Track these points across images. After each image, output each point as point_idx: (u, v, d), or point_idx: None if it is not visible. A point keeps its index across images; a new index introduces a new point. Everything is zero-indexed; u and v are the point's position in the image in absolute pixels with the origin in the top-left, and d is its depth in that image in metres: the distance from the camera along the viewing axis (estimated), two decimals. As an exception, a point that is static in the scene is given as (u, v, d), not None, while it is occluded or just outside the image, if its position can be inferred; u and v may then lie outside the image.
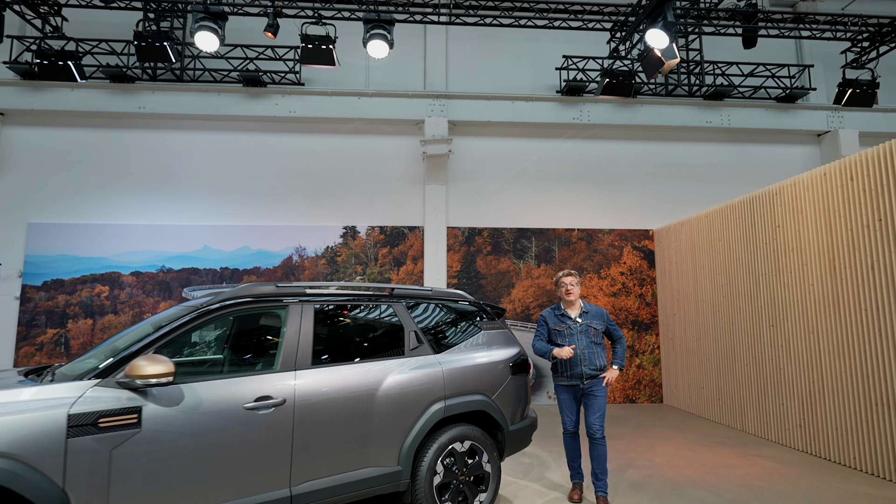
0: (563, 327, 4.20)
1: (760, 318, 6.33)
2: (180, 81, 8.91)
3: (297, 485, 3.00)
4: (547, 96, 9.29)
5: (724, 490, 4.44)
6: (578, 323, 4.18)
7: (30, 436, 2.33)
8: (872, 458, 4.81)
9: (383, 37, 6.98)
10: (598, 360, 4.14)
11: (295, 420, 3.02)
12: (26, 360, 8.23)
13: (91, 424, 2.47)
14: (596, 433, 4.04)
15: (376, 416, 3.32)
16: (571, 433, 4.22)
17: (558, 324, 4.23)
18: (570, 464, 4.28)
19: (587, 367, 4.09)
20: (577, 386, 4.12)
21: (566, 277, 4.26)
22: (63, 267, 8.49)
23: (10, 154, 8.71)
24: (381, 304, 3.76)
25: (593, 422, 4.05)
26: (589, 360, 4.11)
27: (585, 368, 4.09)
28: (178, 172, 8.90)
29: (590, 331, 4.17)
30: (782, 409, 5.94)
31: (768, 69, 9.53)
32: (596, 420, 4.05)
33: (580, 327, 4.16)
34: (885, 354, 4.71)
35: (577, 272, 4.58)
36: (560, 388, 4.23)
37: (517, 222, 9.25)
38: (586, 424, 4.09)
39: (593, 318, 4.23)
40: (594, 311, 4.28)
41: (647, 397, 8.81)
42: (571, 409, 4.20)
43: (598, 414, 4.06)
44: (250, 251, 8.81)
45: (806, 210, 5.70)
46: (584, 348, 4.12)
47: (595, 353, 4.14)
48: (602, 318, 4.26)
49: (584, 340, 4.14)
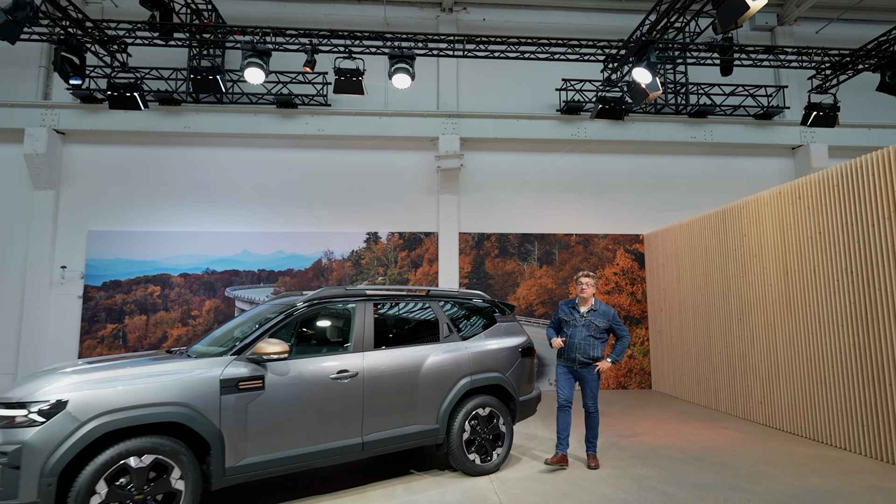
0: (570, 318, 4.97)
1: (730, 313, 7.42)
2: (221, 104, 9.97)
3: (367, 435, 4.11)
4: (548, 115, 10.37)
5: (691, 451, 5.53)
6: (583, 317, 4.92)
7: (198, 393, 3.43)
8: (814, 426, 5.90)
9: (406, 70, 8.04)
10: (592, 350, 4.86)
11: (364, 388, 4.13)
12: (89, 351, 9.33)
13: (234, 386, 3.57)
14: (590, 409, 4.94)
15: (420, 386, 4.43)
16: (562, 406, 4.90)
17: (568, 315, 5.00)
18: (559, 434, 4.92)
19: (580, 354, 4.86)
20: (572, 367, 5.00)
21: (583, 278, 4.94)
22: (119, 269, 9.59)
23: (72, 169, 9.80)
24: (421, 303, 4.86)
25: (587, 400, 4.92)
26: (583, 350, 4.86)
27: (579, 356, 4.87)
28: (219, 185, 9.98)
29: (591, 326, 4.88)
30: (747, 390, 7.04)
31: (747, 90, 10.59)
32: (589, 399, 4.92)
33: (583, 321, 4.90)
34: (825, 342, 5.79)
35: (594, 276, 5.04)
36: (560, 365, 5.05)
37: (521, 228, 10.33)
38: (583, 402, 4.94)
39: (599, 315, 4.92)
40: (602, 310, 4.96)
41: (638, 384, 9.91)
42: (565, 384, 4.93)
43: (591, 394, 4.91)
44: (284, 255, 9.91)
45: (765, 222, 6.78)
46: (581, 339, 4.86)
47: (591, 344, 4.86)
48: (607, 318, 4.93)
49: (584, 333, 4.88)
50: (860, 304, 5.37)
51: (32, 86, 9.97)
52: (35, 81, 9.98)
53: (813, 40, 11.41)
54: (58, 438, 3.02)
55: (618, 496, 4.16)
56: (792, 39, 11.31)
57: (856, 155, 10.07)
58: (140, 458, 3.20)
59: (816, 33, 11.48)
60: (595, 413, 4.96)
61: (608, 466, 4.94)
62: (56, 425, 3.03)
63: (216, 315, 9.63)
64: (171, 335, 9.49)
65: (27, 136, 9.33)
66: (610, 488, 4.34)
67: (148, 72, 9.66)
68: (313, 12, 10.65)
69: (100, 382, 3.23)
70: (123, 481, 3.16)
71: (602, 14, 11.12)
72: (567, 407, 4.92)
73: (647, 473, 4.74)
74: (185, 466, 3.32)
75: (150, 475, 3.24)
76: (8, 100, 9.59)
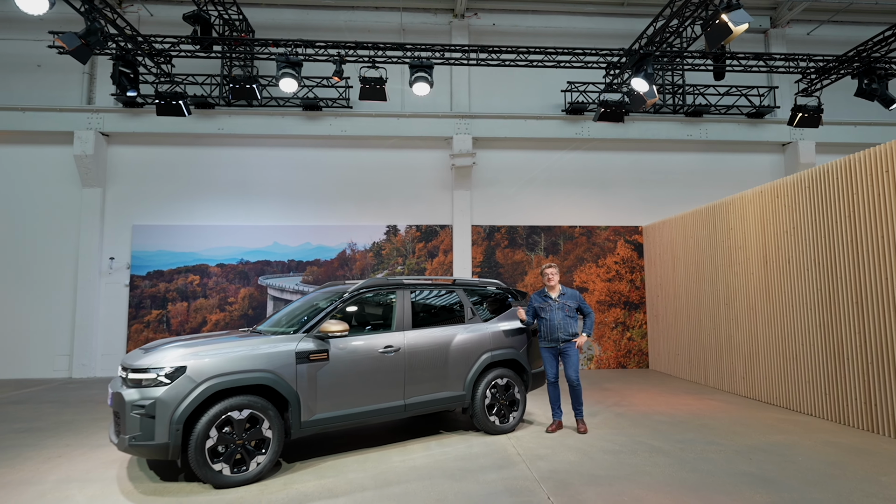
0: (545, 305, 5.66)
1: (718, 298, 8.28)
2: (251, 107, 10.79)
3: (408, 398, 5.02)
4: (553, 115, 11.16)
5: (678, 416, 6.43)
6: (556, 301, 5.64)
7: (280, 362, 4.34)
8: (786, 396, 6.79)
9: (425, 79, 8.83)
10: (570, 328, 5.58)
11: (405, 360, 5.02)
12: (137, 334, 10.28)
13: (306, 357, 4.47)
14: (573, 381, 5.53)
15: (450, 360, 5.33)
16: (552, 382, 5.68)
17: (542, 303, 5.69)
18: (552, 405, 5.75)
19: (562, 333, 5.55)
20: (556, 346, 5.60)
21: (548, 269, 5.70)
22: (162, 260, 10.50)
23: (116, 169, 10.67)
24: (449, 290, 5.74)
25: (570, 373, 5.53)
26: (563, 329, 5.56)
27: (560, 334, 5.55)
28: (251, 182, 10.85)
29: (565, 307, 5.61)
30: (731, 367, 7.93)
31: (740, 90, 11.33)
32: (572, 371, 5.52)
33: (557, 305, 5.61)
34: (796, 323, 6.66)
35: (557, 265, 5.91)
36: (543, 348, 5.69)
37: (529, 221, 11.18)
38: (566, 376, 5.56)
39: (568, 298, 5.67)
40: (569, 294, 5.71)
41: (636, 363, 10.82)
42: (552, 363, 5.65)
43: (573, 367, 5.53)
44: (311, 246, 10.80)
45: (749, 218, 7.61)
46: (560, 320, 5.55)
47: (568, 323, 5.58)
48: (575, 299, 5.69)
49: (560, 314, 5.59)
50: (825, 291, 6.22)
51: (77, 91, 10.82)
52: (79, 87, 10.82)
53: (804, 42, 12.11)
54: (181, 395, 3.93)
55: (613, 448, 5.06)
56: (784, 41, 12.01)
57: (842, 151, 10.97)
58: (240, 412, 4.10)
59: (808, 35, 12.18)
60: (578, 385, 5.58)
61: (607, 428, 5.85)
62: (179, 385, 3.94)
63: (250, 301, 10.56)
64: (210, 320, 10.43)
65: (76, 139, 10.20)
66: (607, 443, 5.25)
67: (185, 78, 10.47)
68: (334, 19, 11.40)
69: (207, 354, 4.13)
70: (228, 430, 4.07)
71: (605, 18, 11.82)
72: (555, 382, 5.70)
73: (639, 433, 5.64)
74: (272, 419, 4.23)
75: (247, 426, 4.14)
76: (56, 105, 10.44)
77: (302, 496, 3.88)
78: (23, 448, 5.21)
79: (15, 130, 10.32)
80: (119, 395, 3.96)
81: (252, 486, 4.07)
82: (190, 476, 4.27)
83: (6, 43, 10.81)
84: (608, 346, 10.83)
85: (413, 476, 4.29)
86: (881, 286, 5.50)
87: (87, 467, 4.60)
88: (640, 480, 4.16)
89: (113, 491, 4.01)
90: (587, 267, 11.04)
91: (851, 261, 5.87)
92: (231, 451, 4.05)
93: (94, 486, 4.11)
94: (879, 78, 8.98)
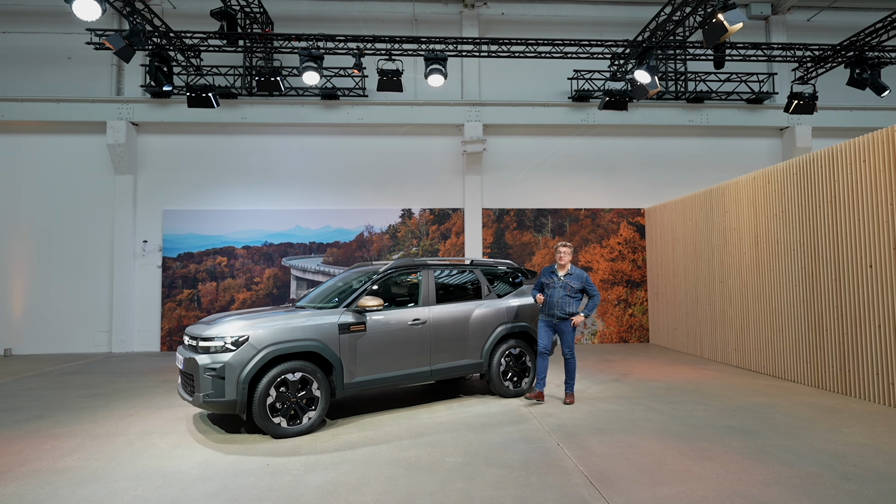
0: (550, 281, 5.93)
1: (713, 276, 8.90)
2: (271, 96, 11.33)
3: (433, 365, 5.72)
4: (560, 102, 11.65)
5: (673, 383, 7.12)
6: (561, 280, 5.88)
7: (326, 333, 5.02)
8: (772, 364, 7.47)
9: (439, 71, 9.34)
10: (568, 307, 5.80)
11: (431, 332, 5.71)
12: (170, 312, 11.03)
13: (347, 328, 5.15)
14: (567, 356, 5.90)
15: (470, 331, 6.01)
16: (541, 353, 5.91)
17: (548, 278, 5.96)
18: (538, 375, 5.96)
19: (558, 310, 5.82)
20: (552, 321, 5.93)
21: (562, 247, 5.94)
22: (191, 243, 11.19)
23: (146, 157, 11.30)
24: (468, 270, 6.40)
25: (565, 349, 5.88)
26: (560, 307, 5.80)
27: (557, 311, 5.83)
28: (273, 168, 11.46)
29: (567, 287, 5.82)
30: (725, 339, 8.60)
31: (740, 77, 11.77)
32: (566, 348, 5.87)
33: (560, 283, 5.85)
34: (782, 299, 7.29)
35: (571, 245, 6.03)
36: (541, 320, 6.00)
37: (537, 203, 11.77)
38: (562, 351, 5.91)
39: (574, 278, 5.86)
40: (576, 274, 5.89)
41: (637, 338, 11.51)
42: (545, 335, 5.91)
43: (567, 343, 5.85)
44: (331, 229, 11.44)
45: (743, 202, 8.19)
46: (559, 298, 5.80)
47: (567, 302, 5.79)
48: (581, 280, 5.86)
49: (561, 293, 5.82)
50: (807, 270, 6.84)
51: (106, 82, 11.38)
52: (108, 78, 11.39)
53: (804, 28, 12.48)
54: (245, 360, 4.62)
55: (613, 408, 5.76)
56: (785, 28, 12.39)
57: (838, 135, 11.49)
58: (293, 375, 4.80)
59: (808, 21, 12.53)
60: (572, 359, 5.91)
61: (608, 392, 6.55)
62: (243, 351, 4.64)
63: (275, 281, 11.26)
64: (237, 298, 11.15)
65: (109, 129, 10.80)
66: (607, 404, 5.94)
67: (209, 69, 11.01)
68: (349, 10, 11.85)
69: (264, 325, 4.81)
70: (284, 389, 4.77)
71: (610, 6, 12.20)
72: (546, 353, 5.93)
73: (637, 396, 6.33)
74: (320, 381, 4.93)
75: (299, 386, 4.85)
76: (88, 96, 11.02)
77: (349, 444, 4.60)
78: (97, 409, 5.96)
79: (51, 121, 10.92)
80: (193, 359, 4.66)
81: (305, 437, 4.79)
82: (250, 429, 5.00)
83: (38, 36, 11.34)
84: (611, 322, 11.51)
85: (441, 429, 5.00)
86: (857, 266, 6.11)
87: (159, 423, 5.34)
88: (636, 432, 4.86)
89: (189, 441, 4.74)
90: (592, 247, 11.66)
91: (832, 243, 6.48)
92: (287, 408, 4.77)
93: (172, 437, 4.84)
94: (871, 67, 9.42)
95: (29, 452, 4.45)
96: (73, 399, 6.50)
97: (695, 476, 3.75)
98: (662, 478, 3.72)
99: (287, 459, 4.18)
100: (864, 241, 6.01)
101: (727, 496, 3.39)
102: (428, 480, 3.73)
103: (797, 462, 4.01)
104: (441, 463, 4.07)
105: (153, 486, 3.66)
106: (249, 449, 4.47)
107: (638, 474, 3.79)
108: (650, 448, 4.38)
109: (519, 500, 3.38)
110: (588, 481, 3.68)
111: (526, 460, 4.12)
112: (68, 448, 4.55)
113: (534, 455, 4.23)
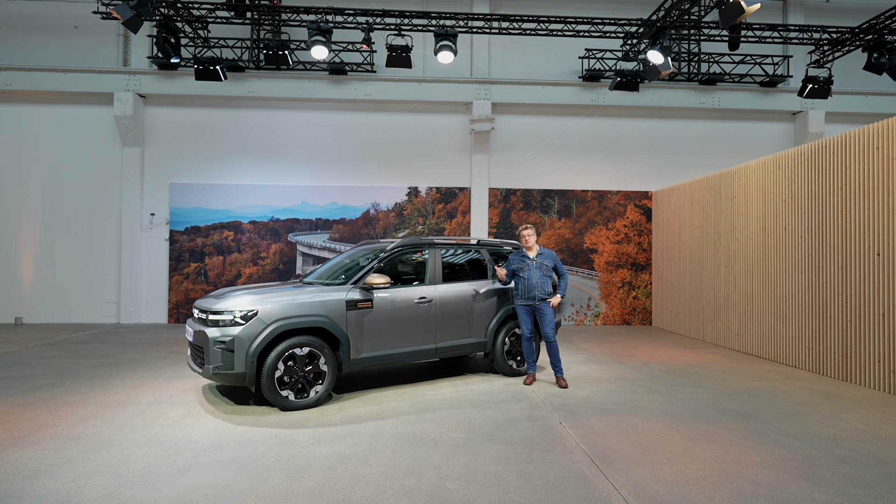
0: (523, 265, 5.86)
1: (719, 261, 8.90)
2: (279, 70, 11.22)
3: (439, 343, 5.79)
4: (570, 82, 11.51)
5: (674, 364, 7.19)
6: (534, 261, 5.84)
7: (333, 309, 5.08)
8: (774, 350, 7.52)
9: (449, 47, 9.22)
10: (547, 287, 5.80)
11: (436, 310, 5.76)
12: (177, 285, 11.14)
13: (354, 305, 5.21)
14: (549, 338, 5.77)
15: (475, 311, 6.07)
16: (527, 338, 5.90)
17: (520, 262, 5.88)
18: (527, 360, 5.98)
19: (538, 291, 5.77)
20: (532, 304, 5.81)
21: (525, 230, 5.87)
22: (199, 217, 11.23)
23: (153, 129, 11.27)
24: (474, 249, 6.43)
25: (547, 331, 5.76)
26: (540, 287, 5.77)
27: (537, 292, 5.77)
28: (280, 143, 11.42)
29: (542, 266, 5.81)
30: (727, 324, 8.64)
31: (754, 59, 11.57)
32: (548, 329, 5.74)
33: (535, 264, 5.82)
34: (787, 285, 7.30)
35: (533, 226, 6.29)
36: (519, 306, 5.89)
37: (544, 184, 11.72)
38: (542, 334, 5.81)
39: (545, 258, 5.86)
40: (546, 254, 5.90)
41: (640, 321, 11.57)
42: (526, 320, 5.86)
43: (549, 325, 5.74)
44: (337, 206, 11.46)
45: (751, 187, 8.14)
46: (537, 279, 5.75)
47: (545, 282, 5.78)
48: (552, 259, 5.88)
49: (538, 273, 5.79)
50: (815, 257, 6.83)
51: (113, 52, 11.30)
52: (115, 48, 11.30)
53: (823, 9, 12.20)
54: (254, 333, 4.70)
55: (615, 389, 5.84)
56: (802, 9, 12.11)
57: (852, 120, 11.35)
58: (301, 349, 4.88)
59: (826, 2, 12.24)
60: (554, 342, 5.83)
61: (609, 374, 6.62)
62: (252, 325, 4.71)
63: (281, 257, 11.33)
64: (244, 273, 11.24)
65: (116, 100, 10.76)
66: (610, 384, 6.02)
67: (217, 42, 10.89)
68: (358, -17, 11.64)
69: (272, 300, 4.87)
70: (292, 363, 4.85)
71: (624, -16, 11.95)
72: (530, 338, 5.94)
73: (639, 378, 6.41)
74: (327, 356, 5.00)
75: (307, 360, 4.93)
76: (94, 66, 10.94)
77: (355, 417, 4.70)
78: (107, 378, 6.09)
79: (58, 91, 10.87)
80: (203, 332, 4.74)
81: (312, 410, 4.89)
82: (258, 401, 5.10)
83: (44, 4, 11.22)
84: (614, 304, 11.56)
85: (445, 405, 5.10)
86: (864, 254, 6.10)
87: (169, 393, 5.45)
88: (636, 412, 4.94)
89: (199, 410, 4.85)
90: (598, 229, 11.64)
91: (840, 230, 6.45)
92: (295, 381, 4.86)
93: (182, 407, 4.96)
94: (890, 51, 9.24)
95: (44, 419, 4.57)
96: (84, 368, 6.63)
97: (694, 457, 3.82)
98: (662, 458, 3.80)
99: (295, 431, 4.28)
100: (874, 230, 5.99)
101: (725, 476, 3.47)
102: (433, 454, 3.82)
103: (795, 445, 4.08)
104: (445, 438, 4.17)
105: (166, 454, 3.77)
106: (258, 420, 4.58)
107: (638, 454, 3.87)
108: (651, 429, 4.46)
109: (521, 475, 3.46)
110: (589, 459, 3.76)
111: (528, 437, 4.20)
112: (82, 415, 4.67)
113: (536, 433, 4.32)
